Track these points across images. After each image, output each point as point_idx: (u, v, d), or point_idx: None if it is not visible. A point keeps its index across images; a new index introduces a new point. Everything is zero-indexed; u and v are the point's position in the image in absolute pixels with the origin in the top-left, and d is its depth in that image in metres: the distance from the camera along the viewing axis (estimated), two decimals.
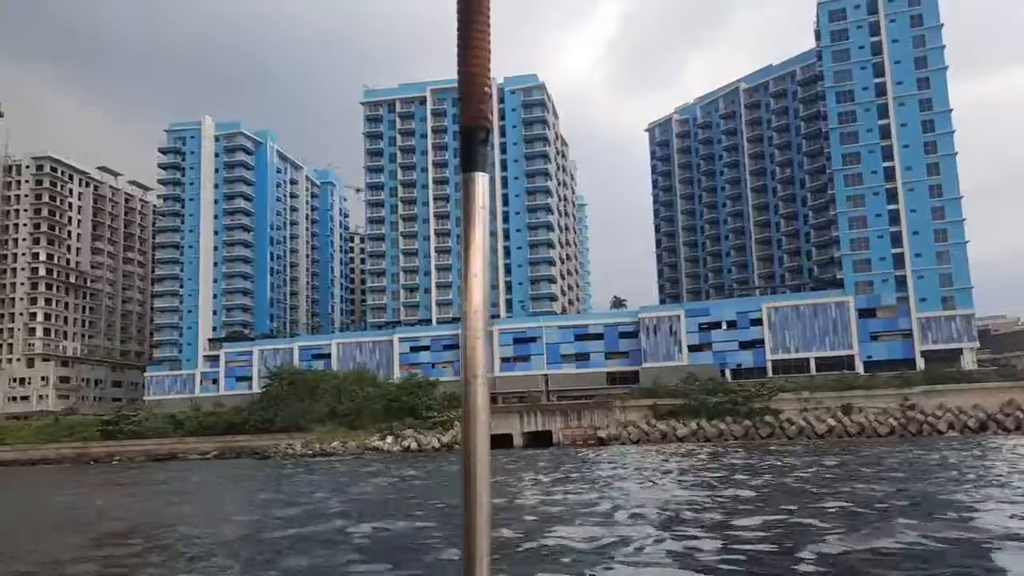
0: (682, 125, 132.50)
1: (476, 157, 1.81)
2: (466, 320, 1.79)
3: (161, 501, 29.69)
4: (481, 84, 1.77)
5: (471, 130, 1.81)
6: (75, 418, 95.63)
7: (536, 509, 19.47)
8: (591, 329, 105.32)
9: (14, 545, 18.45)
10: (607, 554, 12.80)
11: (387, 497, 27.09)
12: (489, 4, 1.81)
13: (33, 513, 28.03)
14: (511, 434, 65.25)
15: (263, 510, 24.13)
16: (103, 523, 22.18)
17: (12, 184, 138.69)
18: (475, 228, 1.80)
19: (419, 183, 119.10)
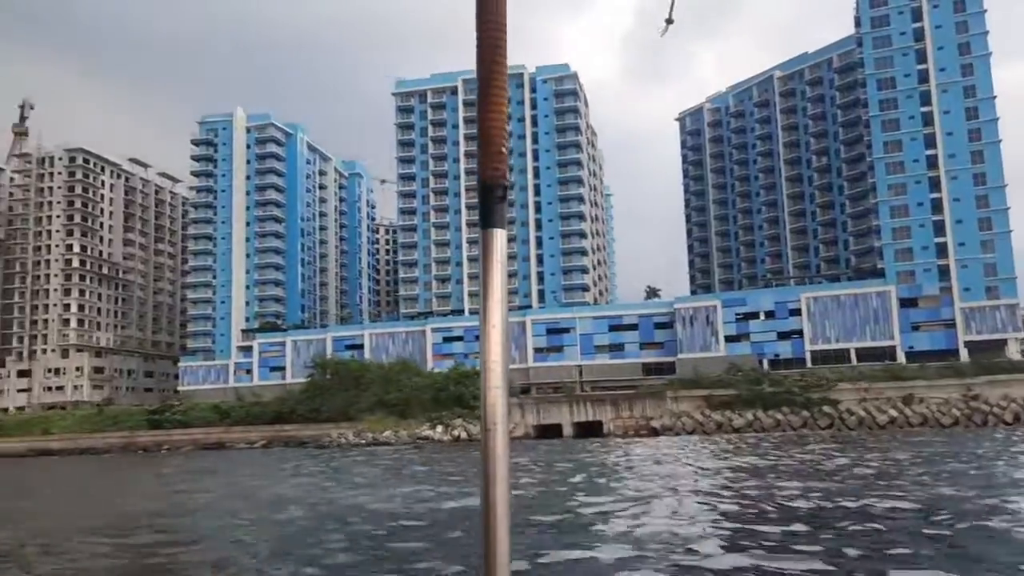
0: (714, 114, 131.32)
1: (495, 214, 1.84)
2: (486, 371, 1.81)
3: (305, 485, 29.37)
4: (499, 142, 1.84)
5: (489, 187, 1.84)
6: (117, 407, 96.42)
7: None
8: (625, 320, 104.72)
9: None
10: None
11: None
12: (506, 67, 1.89)
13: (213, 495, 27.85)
14: (560, 424, 65.09)
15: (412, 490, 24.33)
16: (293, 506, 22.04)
17: (45, 176, 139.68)
18: (494, 281, 1.84)
19: (451, 174, 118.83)
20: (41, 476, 43.55)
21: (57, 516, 22.10)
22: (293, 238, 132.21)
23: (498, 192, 1.86)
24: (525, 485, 24.43)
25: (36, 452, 76.50)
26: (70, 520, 20.24)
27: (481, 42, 1.88)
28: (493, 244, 1.85)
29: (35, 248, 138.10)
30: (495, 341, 1.84)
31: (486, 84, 1.86)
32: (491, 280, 1.85)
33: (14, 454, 76.28)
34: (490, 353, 1.83)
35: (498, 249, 1.86)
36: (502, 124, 1.87)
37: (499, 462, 1.82)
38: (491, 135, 1.85)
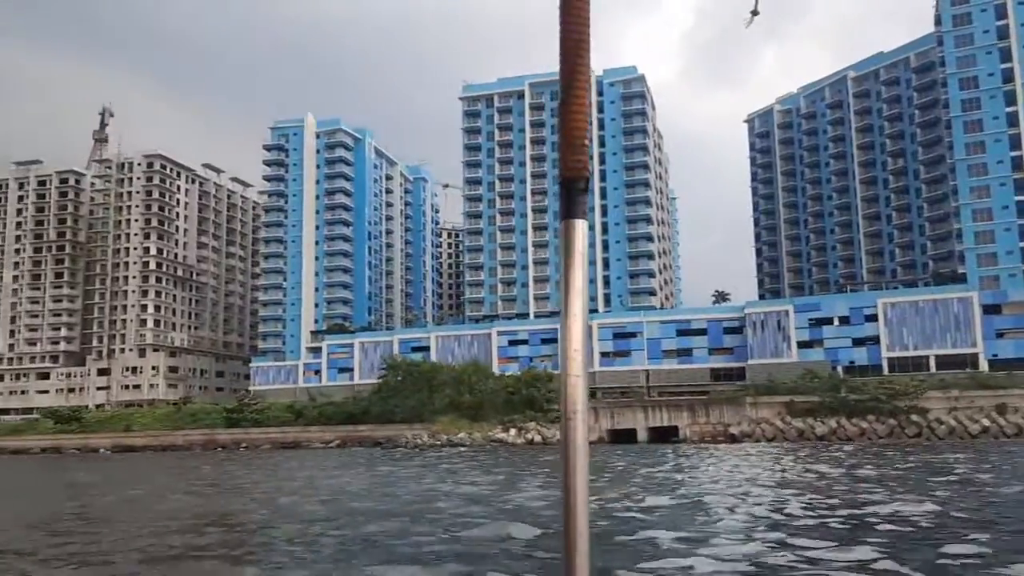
0: (784, 116, 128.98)
1: (576, 206, 1.88)
2: (566, 360, 1.84)
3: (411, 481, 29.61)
4: (580, 137, 1.88)
5: (571, 181, 1.88)
6: (196, 406, 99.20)
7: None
8: (694, 324, 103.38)
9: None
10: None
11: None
12: (589, 63, 1.91)
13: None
14: (635, 429, 64.63)
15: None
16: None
17: (125, 181, 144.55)
18: (575, 273, 1.86)
19: (517, 177, 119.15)
20: (167, 470, 44.50)
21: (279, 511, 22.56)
22: (360, 241, 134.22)
23: (580, 184, 1.89)
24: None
25: (120, 448, 79.20)
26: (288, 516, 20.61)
27: (564, 37, 1.91)
28: (575, 235, 1.87)
29: (114, 251, 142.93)
30: (576, 331, 1.85)
31: (569, 80, 1.90)
32: (573, 271, 1.87)
33: (98, 449, 79.05)
34: (571, 342, 1.85)
35: (580, 240, 1.88)
36: (583, 118, 1.90)
37: (579, 451, 1.83)
38: (573, 129, 1.89)
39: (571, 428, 1.83)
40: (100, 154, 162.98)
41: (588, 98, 1.90)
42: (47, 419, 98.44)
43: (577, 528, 1.79)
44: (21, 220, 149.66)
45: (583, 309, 1.86)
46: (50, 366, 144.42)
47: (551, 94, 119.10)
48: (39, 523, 20.24)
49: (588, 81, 1.92)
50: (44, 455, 77.96)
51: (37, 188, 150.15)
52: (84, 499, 27.88)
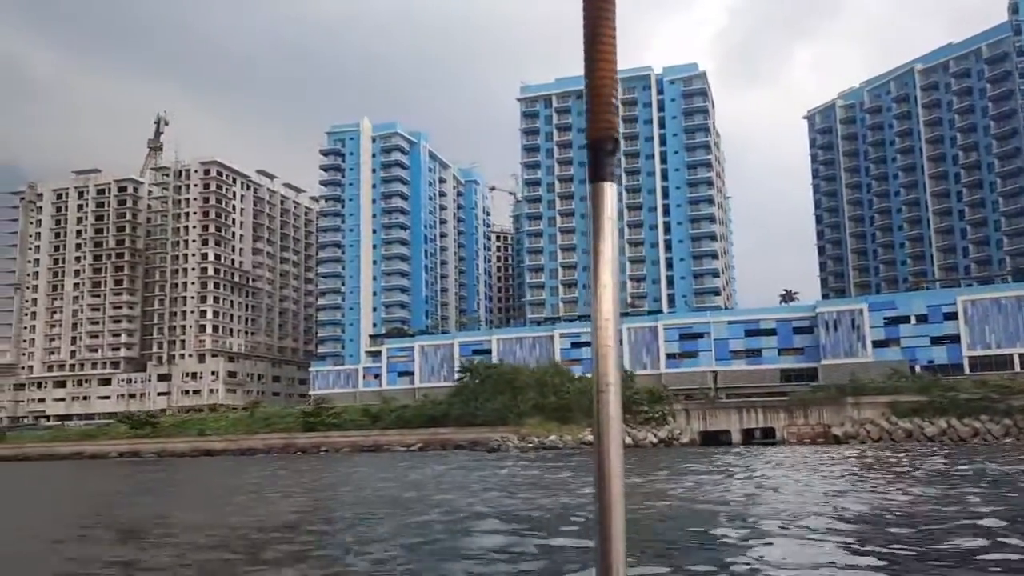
0: (847, 111, 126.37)
1: (605, 168, 1.80)
2: (596, 330, 1.79)
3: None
4: (608, 96, 1.80)
5: (599, 141, 1.80)
6: (268, 410, 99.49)
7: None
8: (762, 324, 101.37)
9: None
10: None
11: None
12: (614, 19, 1.82)
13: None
14: (728, 431, 63.21)
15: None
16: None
17: (182, 188, 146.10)
18: (604, 238, 1.81)
19: (577, 178, 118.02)
20: (294, 472, 43.99)
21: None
22: (417, 245, 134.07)
23: (608, 146, 1.80)
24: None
25: (199, 452, 79.51)
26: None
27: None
28: (604, 199, 1.80)
29: (173, 257, 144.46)
30: (606, 299, 1.80)
31: (593, 37, 1.81)
32: (602, 235, 1.81)
33: (177, 453, 79.50)
34: (601, 311, 1.79)
35: (609, 203, 1.80)
36: (611, 77, 1.80)
37: (612, 425, 1.78)
38: (600, 89, 1.80)
39: (603, 402, 1.77)
40: (155, 162, 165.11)
41: (615, 56, 1.81)
42: (121, 423, 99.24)
43: (612, 505, 1.72)
44: (81, 228, 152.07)
45: (613, 276, 1.80)
46: (111, 372, 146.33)
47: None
48: (285, 525, 19.77)
49: (614, 36, 1.82)
50: (122, 459, 78.51)
51: (96, 197, 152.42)
52: (294, 500, 27.32)
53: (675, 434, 63.49)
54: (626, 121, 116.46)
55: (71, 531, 20.51)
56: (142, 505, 28.71)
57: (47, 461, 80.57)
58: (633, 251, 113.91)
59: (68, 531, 20.59)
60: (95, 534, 19.96)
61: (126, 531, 20.44)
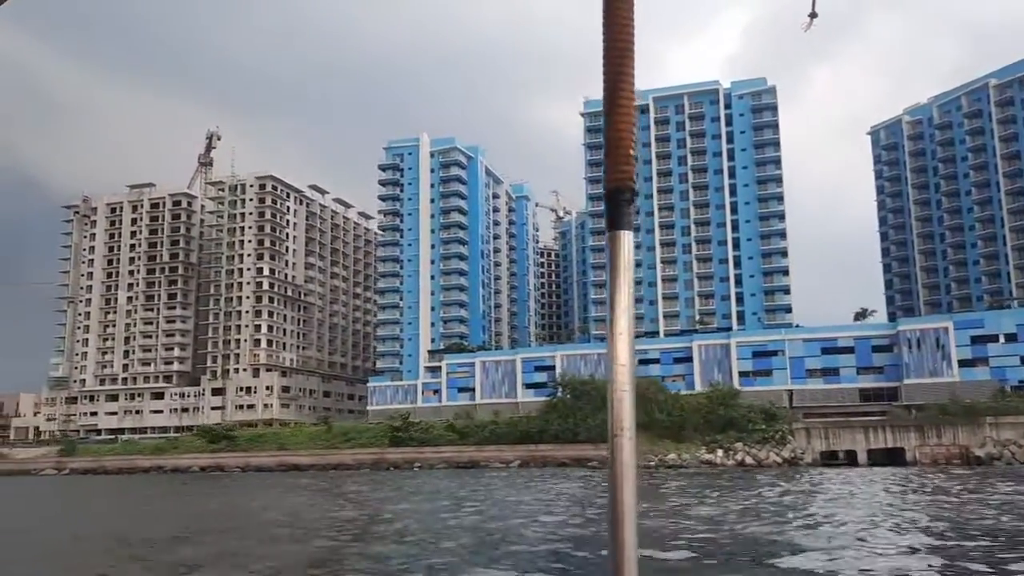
0: (913, 127, 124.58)
1: (623, 217, 1.84)
2: (613, 375, 1.81)
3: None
4: (627, 146, 1.84)
5: (617, 191, 1.84)
6: (346, 424, 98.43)
7: None
8: (840, 343, 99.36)
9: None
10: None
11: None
12: (633, 72, 1.87)
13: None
14: (854, 451, 61.32)
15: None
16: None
17: (237, 203, 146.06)
18: (620, 287, 1.84)
19: (641, 194, 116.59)
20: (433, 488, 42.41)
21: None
22: (475, 260, 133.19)
23: (626, 195, 1.84)
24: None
25: (285, 467, 78.42)
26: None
27: (608, 45, 1.88)
28: (620, 247, 1.84)
29: (227, 271, 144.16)
30: (622, 346, 1.82)
31: (613, 88, 1.86)
32: (618, 284, 1.84)
33: (263, 468, 78.46)
34: (617, 357, 1.82)
35: (625, 252, 1.84)
36: (630, 128, 1.85)
37: (627, 468, 1.77)
38: (619, 139, 1.85)
39: (618, 446, 1.77)
40: (205, 177, 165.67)
41: (634, 106, 1.87)
42: (198, 437, 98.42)
43: (625, 545, 1.72)
44: (135, 242, 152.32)
45: (629, 324, 1.83)
46: (163, 386, 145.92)
47: (675, 108, 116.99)
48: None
49: (633, 88, 1.87)
50: (204, 473, 77.51)
51: (150, 211, 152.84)
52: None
53: (798, 453, 61.73)
54: (693, 136, 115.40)
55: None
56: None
57: (127, 475, 79.78)
58: (701, 267, 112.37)
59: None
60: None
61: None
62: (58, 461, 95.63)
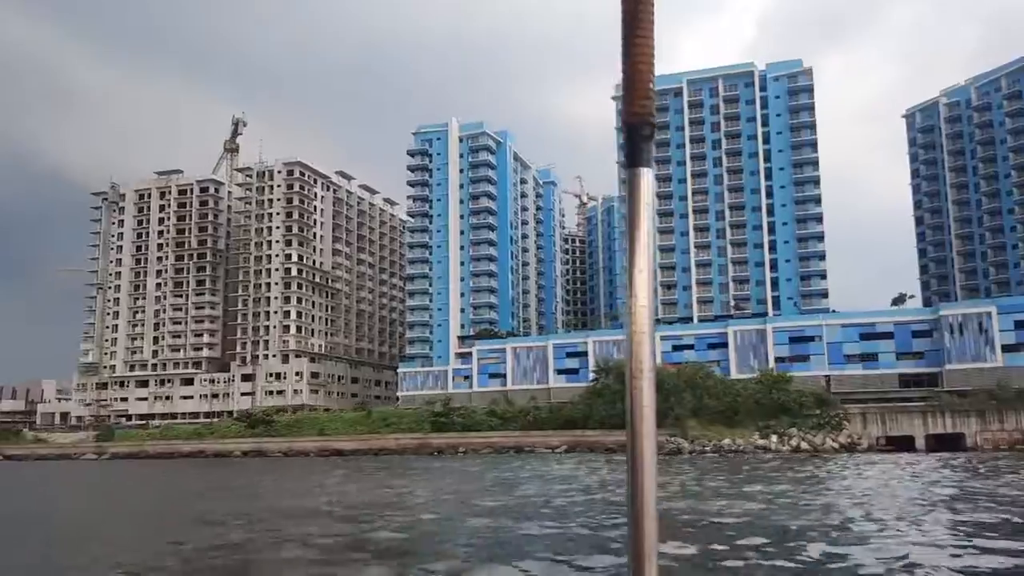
0: (951, 109, 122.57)
1: (642, 153, 1.78)
2: (632, 316, 1.76)
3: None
4: (646, 80, 1.78)
5: (636, 126, 1.79)
6: (386, 410, 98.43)
7: None
8: (879, 328, 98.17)
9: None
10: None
11: None
12: (653, 3, 1.81)
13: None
14: (912, 436, 60.53)
15: None
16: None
17: (265, 188, 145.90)
18: (641, 224, 1.77)
19: (675, 178, 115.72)
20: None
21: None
22: (504, 246, 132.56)
23: (645, 131, 1.78)
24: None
25: (328, 451, 78.39)
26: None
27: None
28: (641, 184, 1.78)
29: (256, 257, 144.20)
30: (641, 285, 1.76)
31: (631, 20, 1.79)
32: (638, 222, 1.77)
33: (304, 452, 78.53)
34: (637, 297, 1.75)
35: (645, 189, 1.78)
36: (649, 62, 1.79)
37: (646, 414, 1.74)
38: (638, 73, 1.78)
39: (637, 389, 1.74)
40: (231, 163, 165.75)
41: (653, 39, 1.80)
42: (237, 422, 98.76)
43: (645, 501, 1.70)
44: (163, 229, 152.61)
45: (649, 262, 1.77)
46: (193, 372, 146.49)
47: (709, 91, 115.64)
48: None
49: (652, 21, 1.80)
50: (247, 458, 77.63)
51: (178, 197, 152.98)
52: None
53: (855, 439, 61.03)
54: (727, 119, 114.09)
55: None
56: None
57: (167, 459, 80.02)
58: (736, 252, 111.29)
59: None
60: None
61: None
62: (98, 446, 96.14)
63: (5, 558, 15.73)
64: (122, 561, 15.94)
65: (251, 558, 16.17)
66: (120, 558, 16.49)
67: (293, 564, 14.99)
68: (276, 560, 15.71)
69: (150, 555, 16.91)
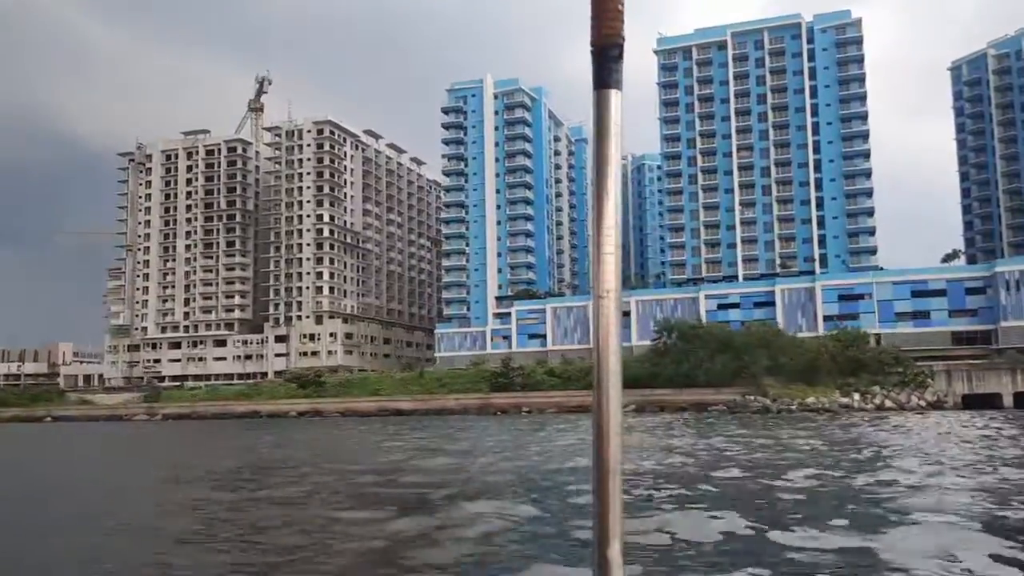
0: (1000, 61, 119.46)
1: (611, 74, 1.75)
2: (599, 236, 1.77)
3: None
4: (614, 1, 1.75)
5: (604, 47, 1.75)
6: (441, 371, 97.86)
7: None
8: (931, 285, 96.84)
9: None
10: None
11: None
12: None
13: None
14: (999, 394, 59.63)
15: None
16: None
17: (294, 148, 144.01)
18: (609, 145, 1.76)
19: (719, 133, 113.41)
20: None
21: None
22: (540, 205, 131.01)
23: (613, 52, 1.75)
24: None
25: (388, 412, 77.92)
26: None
27: None
28: (609, 105, 1.74)
29: (287, 218, 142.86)
30: (610, 207, 1.77)
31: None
32: (606, 143, 1.76)
33: (363, 412, 78.10)
34: (605, 218, 1.77)
35: (614, 111, 1.75)
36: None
37: (611, 333, 1.71)
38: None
39: (603, 307, 1.73)
40: (257, 122, 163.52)
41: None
42: (289, 383, 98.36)
43: (609, 421, 1.68)
44: (191, 190, 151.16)
45: (616, 183, 1.78)
46: (225, 333, 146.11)
47: (754, 44, 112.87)
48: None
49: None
50: (305, 418, 77.24)
51: (206, 158, 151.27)
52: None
53: (941, 396, 60.18)
54: (773, 73, 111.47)
55: None
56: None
57: (220, 420, 79.70)
58: (782, 209, 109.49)
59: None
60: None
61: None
62: (149, 407, 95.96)
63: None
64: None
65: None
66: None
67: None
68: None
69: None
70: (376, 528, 12.92)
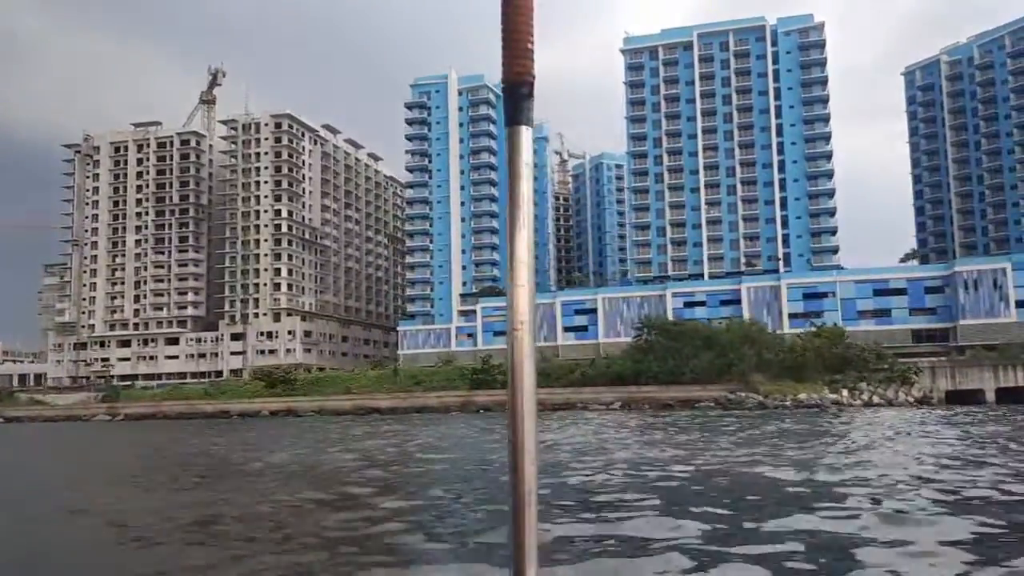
0: (952, 67, 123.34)
1: (522, 112, 1.82)
2: (512, 270, 1.81)
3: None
4: (524, 39, 1.79)
5: (516, 85, 1.80)
6: (415, 368, 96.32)
7: None
8: (892, 284, 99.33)
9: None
10: None
11: None
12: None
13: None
14: (981, 390, 61.10)
15: None
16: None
17: (252, 142, 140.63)
18: (521, 182, 1.82)
19: (684, 134, 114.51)
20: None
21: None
22: (505, 202, 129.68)
23: (523, 89, 1.80)
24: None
25: (365, 410, 76.27)
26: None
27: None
28: (521, 142, 1.82)
29: (243, 213, 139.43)
30: (522, 240, 1.82)
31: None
32: (519, 180, 1.82)
33: (339, 411, 76.33)
34: (518, 251, 1.82)
35: (525, 148, 1.82)
36: (528, 20, 1.80)
37: (525, 366, 1.77)
38: (517, 32, 1.79)
39: (517, 340, 1.77)
40: (210, 116, 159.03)
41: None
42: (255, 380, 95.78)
43: (525, 449, 1.73)
44: (142, 183, 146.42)
45: (529, 217, 1.83)
46: (178, 331, 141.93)
47: (720, 45, 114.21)
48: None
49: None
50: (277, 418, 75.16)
51: (157, 150, 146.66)
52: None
53: (927, 393, 61.55)
54: (738, 75, 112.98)
55: None
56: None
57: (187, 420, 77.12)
58: (747, 209, 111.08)
59: None
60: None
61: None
62: (109, 407, 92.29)
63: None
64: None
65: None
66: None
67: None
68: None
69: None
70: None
